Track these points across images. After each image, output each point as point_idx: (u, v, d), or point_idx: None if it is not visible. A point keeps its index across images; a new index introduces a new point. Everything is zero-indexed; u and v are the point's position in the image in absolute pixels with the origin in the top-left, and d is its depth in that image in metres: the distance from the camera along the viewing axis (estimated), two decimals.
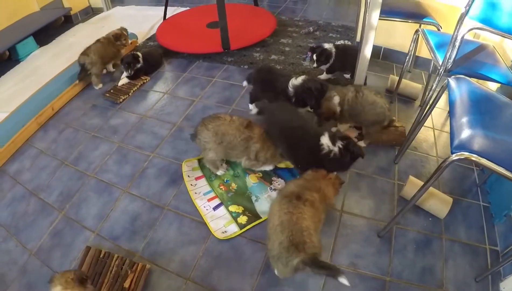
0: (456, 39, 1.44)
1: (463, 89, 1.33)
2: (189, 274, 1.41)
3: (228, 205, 1.63)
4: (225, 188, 1.71)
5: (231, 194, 1.68)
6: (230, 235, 1.51)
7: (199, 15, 3.35)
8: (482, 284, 1.34)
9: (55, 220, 1.67)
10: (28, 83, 2.61)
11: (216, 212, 1.60)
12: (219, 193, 1.69)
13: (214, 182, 1.74)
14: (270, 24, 3.08)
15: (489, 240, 1.50)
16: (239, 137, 1.63)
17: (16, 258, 1.53)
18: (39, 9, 3.39)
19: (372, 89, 1.83)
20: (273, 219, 1.25)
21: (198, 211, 1.62)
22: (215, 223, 1.56)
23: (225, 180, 1.75)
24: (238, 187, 1.72)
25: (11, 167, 2.00)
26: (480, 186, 1.72)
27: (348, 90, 1.82)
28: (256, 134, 1.65)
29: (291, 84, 1.91)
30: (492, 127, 1.16)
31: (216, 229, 1.53)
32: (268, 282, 1.37)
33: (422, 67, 2.60)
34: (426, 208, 1.59)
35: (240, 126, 1.65)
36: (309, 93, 1.87)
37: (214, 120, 1.66)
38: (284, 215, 1.22)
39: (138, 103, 2.39)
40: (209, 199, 1.66)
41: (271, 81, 2.00)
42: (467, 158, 1.07)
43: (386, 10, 2.01)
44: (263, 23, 3.11)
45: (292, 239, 1.15)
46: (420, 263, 1.42)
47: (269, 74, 2.07)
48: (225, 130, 1.64)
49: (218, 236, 1.51)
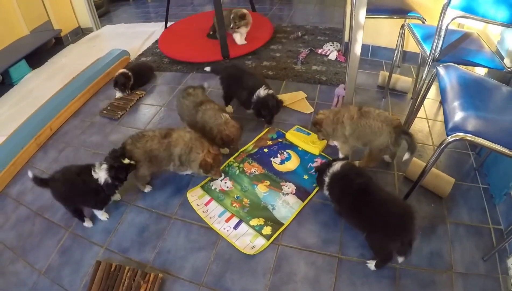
0: (441, 29, 1.50)
1: (452, 75, 1.39)
2: (202, 279, 1.42)
3: (248, 220, 1.61)
4: (238, 205, 1.69)
5: (247, 209, 1.66)
6: (260, 248, 1.49)
7: (201, 23, 3.44)
8: (490, 263, 1.38)
9: (62, 238, 1.66)
10: (23, 106, 2.62)
11: (238, 231, 1.57)
12: (234, 211, 1.66)
13: (225, 201, 1.71)
14: (268, 30, 3.19)
15: (492, 220, 1.54)
16: (161, 149, 1.69)
17: (25, 279, 1.51)
18: (28, 32, 3.41)
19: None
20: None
21: (219, 234, 1.58)
22: (240, 241, 1.52)
23: (236, 197, 1.73)
24: (251, 200, 1.71)
25: (13, 189, 1.98)
26: (478, 169, 1.77)
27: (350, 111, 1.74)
28: (174, 138, 1.70)
29: (257, 94, 2.03)
30: (483, 108, 1.22)
31: (244, 246, 1.50)
32: (281, 280, 1.39)
33: (410, 62, 2.68)
34: (430, 187, 1.64)
35: (160, 138, 1.70)
36: (266, 107, 2.02)
37: (141, 139, 1.71)
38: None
39: (136, 118, 2.41)
40: (227, 220, 1.62)
41: (238, 78, 2.14)
42: (463, 138, 1.12)
43: (371, 9, 2.08)
44: (261, 30, 3.21)
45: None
46: (427, 248, 1.45)
47: (236, 70, 2.21)
48: (150, 146, 1.69)
49: (249, 253, 1.47)
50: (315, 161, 1.89)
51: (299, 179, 1.79)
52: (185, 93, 1.99)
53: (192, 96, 1.96)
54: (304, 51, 2.91)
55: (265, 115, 2.06)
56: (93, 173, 1.53)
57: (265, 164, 1.89)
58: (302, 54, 2.86)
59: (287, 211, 1.63)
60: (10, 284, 1.51)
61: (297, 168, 1.85)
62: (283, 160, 1.90)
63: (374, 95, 2.40)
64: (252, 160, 1.92)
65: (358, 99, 2.35)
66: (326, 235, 1.54)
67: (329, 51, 2.88)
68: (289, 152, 1.95)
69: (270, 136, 2.08)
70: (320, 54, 2.91)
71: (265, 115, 2.07)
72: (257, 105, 2.04)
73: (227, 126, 1.82)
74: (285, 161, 1.90)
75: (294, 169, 1.85)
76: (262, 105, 2.02)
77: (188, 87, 2.03)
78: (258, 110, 2.06)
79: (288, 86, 2.56)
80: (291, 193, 1.72)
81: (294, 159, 1.91)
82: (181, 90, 2.04)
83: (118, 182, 1.59)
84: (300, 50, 2.98)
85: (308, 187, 1.74)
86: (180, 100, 2.00)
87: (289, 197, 1.69)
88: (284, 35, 3.32)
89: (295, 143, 2.00)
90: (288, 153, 1.95)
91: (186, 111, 1.96)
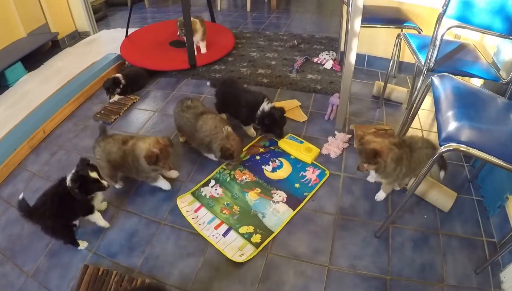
0: (436, 38, 1.50)
1: (446, 85, 1.38)
2: (189, 286, 1.39)
3: (237, 228, 1.58)
4: (228, 212, 1.67)
5: (236, 217, 1.64)
6: (248, 256, 1.46)
7: (160, 32, 3.49)
8: (483, 276, 1.36)
9: (51, 242, 1.63)
10: (18, 108, 2.60)
11: (227, 238, 1.54)
12: (224, 218, 1.64)
13: (215, 208, 1.69)
14: (230, 39, 3.29)
15: (485, 232, 1.52)
16: (119, 155, 1.68)
17: (12, 281, 1.49)
18: (26, 34, 3.41)
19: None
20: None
21: (208, 241, 1.55)
22: (229, 249, 1.50)
23: (226, 203, 1.71)
24: (241, 208, 1.69)
25: (4, 191, 1.96)
26: (472, 181, 1.76)
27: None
28: (129, 146, 1.67)
29: (261, 109, 1.96)
30: (477, 119, 1.21)
31: (233, 254, 1.47)
32: (270, 289, 1.36)
33: (406, 72, 2.68)
34: (431, 201, 1.63)
35: (120, 143, 1.69)
36: (275, 122, 1.96)
37: (105, 139, 1.71)
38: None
39: (129, 123, 2.39)
40: (216, 226, 1.60)
41: (235, 95, 2.08)
42: (456, 148, 1.10)
43: (368, 18, 2.09)
44: (224, 39, 3.30)
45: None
46: (419, 260, 1.42)
47: (231, 88, 2.15)
48: (110, 149, 1.68)
49: (237, 260, 1.45)
50: (307, 169, 1.87)
51: (291, 187, 1.77)
52: (184, 107, 1.92)
53: (192, 108, 1.91)
54: (299, 60, 2.92)
55: (275, 130, 2.01)
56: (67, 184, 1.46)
57: (256, 171, 1.87)
58: (298, 63, 2.87)
59: (277, 219, 1.61)
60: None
61: (289, 176, 1.83)
62: (275, 168, 1.89)
63: (369, 105, 2.40)
64: (244, 167, 1.90)
65: (352, 109, 2.35)
66: (316, 244, 1.51)
67: (324, 60, 2.88)
68: (281, 160, 1.94)
69: (262, 144, 2.07)
70: (315, 63, 2.92)
71: (275, 130, 2.02)
72: (263, 120, 1.96)
73: (228, 140, 1.77)
74: (276, 168, 1.88)
75: (285, 177, 1.83)
76: (270, 120, 1.95)
77: (185, 100, 1.97)
78: (267, 126, 1.99)
79: (283, 94, 2.56)
80: (282, 201, 1.70)
81: (286, 167, 1.89)
82: (179, 103, 1.99)
83: (85, 194, 1.49)
84: (296, 58, 2.99)
85: (299, 196, 1.72)
86: (180, 114, 1.94)
87: (279, 205, 1.67)
88: (280, 43, 3.34)
89: (288, 152, 1.99)
90: (280, 161, 1.93)
91: (187, 123, 1.90)
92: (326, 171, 1.85)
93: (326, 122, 2.24)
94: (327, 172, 1.84)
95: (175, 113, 2.01)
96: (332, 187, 1.78)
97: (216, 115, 1.92)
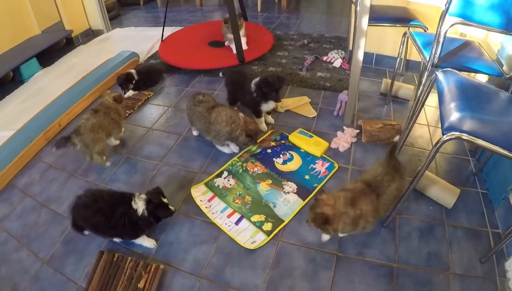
0: (439, 35, 1.54)
1: (450, 80, 1.43)
2: (202, 272, 1.44)
3: (249, 217, 1.64)
4: (240, 201, 1.73)
5: (248, 206, 1.70)
6: (260, 244, 1.52)
7: (194, 34, 3.51)
8: (488, 265, 1.40)
9: (67, 229, 1.68)
10: (32, 102, 2.68)
11: (239, 226, 1.60)
12: (236, 207, 1.70)
13: (227, 198, 1.75)
14: (268, 36, 3.32)
15: (490, 223, 1.56)
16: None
17: (28, 267, 1.54)
18: (40, 32, 3.51)
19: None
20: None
21: (220, 229, 1.61)
22: (241, 236, 1.56)
23: (238, 194, 1.77)
24: (253, 198, 1.74)
25: (20, 181, 2.02)
26: (477, 175, 1.80)
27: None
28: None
29: (253, 82, 2.06)
30: (479, 110, 1.25)
31: (245, 242, 1.53)
32: (280, 275, 1.41)
33: (413, 70, 2.73)
34: (434, 197, 1.66)
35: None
36: (267, 84, 2.01)
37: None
38: None
39: (143, 117, 2.46)
40: (228, 215, 1.66)
41: (242, 83, 2.17)
42: (458, 137, 1.15)
43: (375, 17, 2.14)
44: (263, 36, 3.33)
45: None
46: (425, 249, 1.47)
47: (240, 76, 2.26)
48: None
49: (249, 247, 1.51)
50: (316, 162, 1.92)
51: (301, 179, 1.82)
52: (196, 101, 1.99)
53: (204, 102, 1.98)
54: (309, 58, 2.97)
55: (270, 93, 2.03)
56: (133, 203, 1.47)
57: (267, 163, 1.93)
58: (308, 61, 2.92)
59: (288, 209, 1.66)
60: (13, 271, 1.53)
61: (299, 169, 1.89)
62: (285, 160, 1.94)
63: (376, 102, 2.45)
64: (255, 160, 1.96)
65: (360, 106, 2.40)
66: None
67: (334, 58, 2.94)
68: (291, 153, 1.99)
69: (273, 138, 2.12)
70: (325, 61, 2.97)
71: (270, 94, 2.03)
72: (258, 90, 2.03)
73: (247, 125, 1.88)
74: (287, 161, 1.94)
75: (295, 169, 1.88)
76: (264, 84, 2.01)
77: (197, 94, 2.04)
78: (264, 93, 2.03)
79: (293, 91, 2.61)
80: (292, 192, 1.75)
81: (296, 160, 1.94)
82: (191, 98, 2.06)
83: (154, 219, 1.50)
84: (305, 57, 3.05)
85: (309, 187, 1.77)
86: (192, 109, 2.01)
87: (290, 196, 1.73)
88: (291, 42, 3.39)
89: (298, 145, 2.04)
90: (291, 154, 1.99)
91: (200, 117, 1.97)
92: (335, 164, 1.90)
93: (335, 118, 2.29)
94: (336, 165, 1.89)
95: (187, 108, 2.08)
96: (341, 179, 1.83)
97: (227, 107, 1.99)
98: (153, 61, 3.20)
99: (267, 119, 2.23)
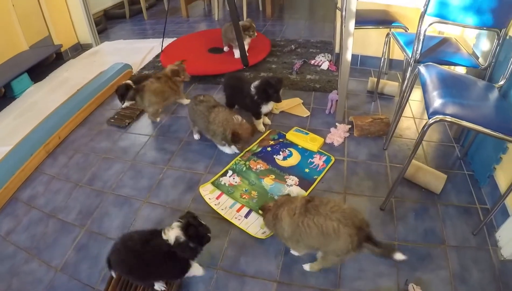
0: (420, 34, 1.71)
1: (432, 72, 1.59)
2: (218, 264, 1.52)
3: (257, 209, 1.71)
4: (247, 196, 1.82)
5: (255, 200, 1.80)
6: (270, 233, 1.60)
7: (192, 43, 3.61)
8: (480, 237, 1.55)
9: (78, 236, 1.71)
10: (26, 118, 2.68)
11: (249, 219, 1.70)
12: (244, 202, 1.79)
13: (235, 194, 1.84)
14: (265, 40, 3.49)
15: (479, 200, 1.72)
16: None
17: (41, 277, 1.53)
18: (28, 47, 3.50)
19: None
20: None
21: (231, 223, 1.69)
22: (252, 228, 1.65)
23: (244, 190, 1.86)
24: (259, 192, 1.84)
25: (23, 194, 2.02)
26: (462, 159, 1.97)
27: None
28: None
29: (253, 85, 2.18)
30: (459, 96, 1.42)
31: (256, 232, 1.62)
32: (292, 260, 1.51)
33: (396, 69, 2.91)
34: (423, 184, 1.79)
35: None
36: (269, 84, 2.11)
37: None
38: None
39: (143, 125, 2.52)
40: (238, 210, 1.75)
41: (240, 87, 2.28)
42: (442, 119, 1.30)
43: (359, 20, 2.28)
44: (261, 41, 3.46)
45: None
46: (421, 227, 1.60)
47: (236, 80, 2.38)
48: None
49: (260, 237, 1.60)
50: (314, 156, 2.04)
51: (301, 172, 1.94)
52: (197, 101, 2.10)
53: (205, 102, 2.08)
54: (298, 63, 3.12)
55: (272, 94, 2.13)
56: (163, 235, 1.28)
57: (269, 160, 2.04)
58: (297, 65, 3.07)
59: None
60: (25, 283, 1.52)
61: (299, 163, 2.00)
62: (285, 157, 2.05)
63: (364, 100, 2.60)
64: (257, 158, 2.06)
65: (350, 103, 2.54)
66: None
67: (321, 61, 3.10)
68: (290, 150, 2.11)
69: (272, 137, 2.23)
70: (313, 64, 3.13)
71: (272, 95, 2.13)
72: (259, 92, 2.13)
73: (240, 126, 1.96)
74: (287, 157, 2.05)
75: (296, 164, 2.00)
76: (267, 86, 2.11)
77: (198, 95, 2.14)
78: (264, 95, 2.13)
79: (285, 93, 2.73)
80: (295, 184, 1.86)
81: (295, 155, 2.06)
82: (192, 99, 2.16)
83: (194, 243, 1.29)
84: (294, 61, 3.19)
85: (310, 179, 1.89)
86: (193, 108, 2.11)
87: (293, 188, 1.84)
88: (279, 48, 3.54)
89: (295, 142, 2.16)
90: (290, 151, 2.10)
91: (200, 115, 2.06)
92: (331, 157, 2.03)
93: (327, 116, 2.43)
94: (332, 158, 2.02)
95: (189, 108, 2.19)
96: (338, 170, 1.96)
97: (226, 108, 2.10)
98: (146, 72, 3.27)
99: (264, 120, 2.35)
